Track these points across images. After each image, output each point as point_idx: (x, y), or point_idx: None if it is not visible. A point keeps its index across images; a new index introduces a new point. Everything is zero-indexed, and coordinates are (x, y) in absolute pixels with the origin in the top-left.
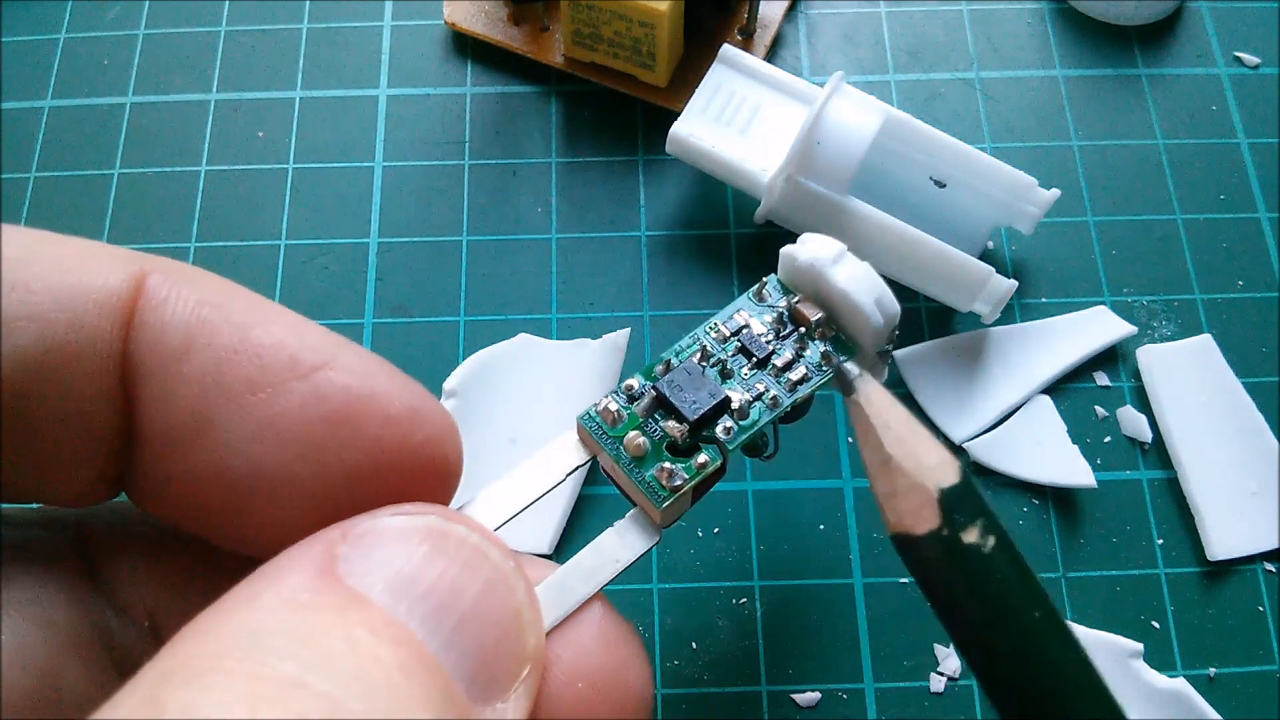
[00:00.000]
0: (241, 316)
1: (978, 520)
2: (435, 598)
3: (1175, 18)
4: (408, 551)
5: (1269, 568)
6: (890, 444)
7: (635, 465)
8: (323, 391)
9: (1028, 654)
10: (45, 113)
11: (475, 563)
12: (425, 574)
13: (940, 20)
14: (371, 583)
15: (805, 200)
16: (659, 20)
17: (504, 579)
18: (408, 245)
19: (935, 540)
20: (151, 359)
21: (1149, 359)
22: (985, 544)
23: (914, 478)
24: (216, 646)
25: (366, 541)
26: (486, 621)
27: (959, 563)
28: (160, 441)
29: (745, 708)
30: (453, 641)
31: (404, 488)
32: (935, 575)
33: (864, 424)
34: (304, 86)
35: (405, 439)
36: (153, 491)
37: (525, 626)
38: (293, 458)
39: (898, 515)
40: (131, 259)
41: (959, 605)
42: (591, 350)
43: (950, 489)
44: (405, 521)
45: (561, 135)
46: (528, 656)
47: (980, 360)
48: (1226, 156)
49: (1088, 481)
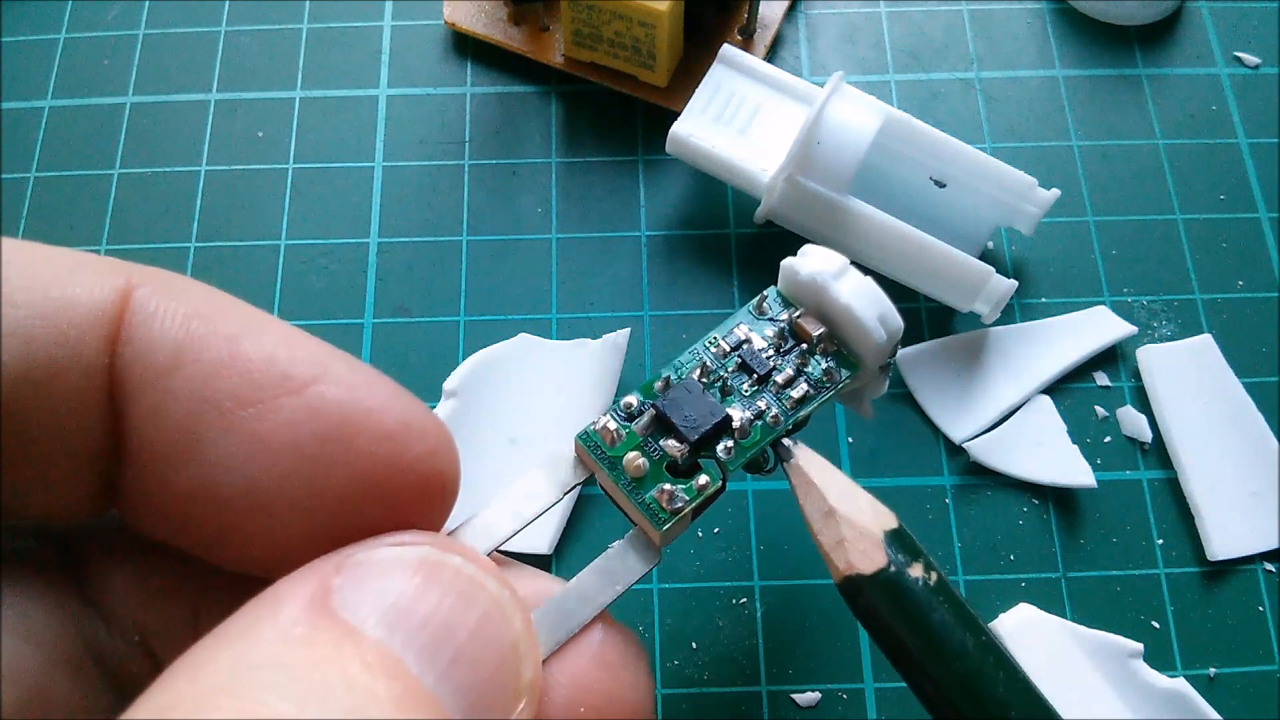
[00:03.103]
0: (230, 329)
1: (919, 558)
2: (430, 630)
3: (1175, 18)
4: (402, 583)
5: (1269, 568)
6: (834, 499)
7: (635, 486)
8: (314, 406)
9: (971, 678)
10: (45, 113)
11: (471, 594)
12: (420, 606)
13: (940, 20)
14: (366, 615)
15: (805, 200)
16: (659, 20)
17: (500, 610)
18: (408, 245)
19: (884, 578)
20: (140, 373)
21: (1149, 359)
22: (929, 578)
23: (860, 525)
24: (210, 683)
25: (360, 573)
26: (482, 654)
27: (906, 597)
28: (149, 458)
29: (745, 708)
30: (449, 675)
31: (399, 503)
32: (883, 612)
33: (805, 484)
34: (304, 86)
35: (399, 455)
36: (142, 508)
37: (522, 658)
38: (284, 474)
39: (847, 561)
40: (118, 270)
41: (905, 641)
42: (591, 350)
43: (892, 533)
44: (400, 553)
45: (561, 135)
46: (524, 689)
47: (980, 360)
48: (1226, 156)
49: (1088, 481)
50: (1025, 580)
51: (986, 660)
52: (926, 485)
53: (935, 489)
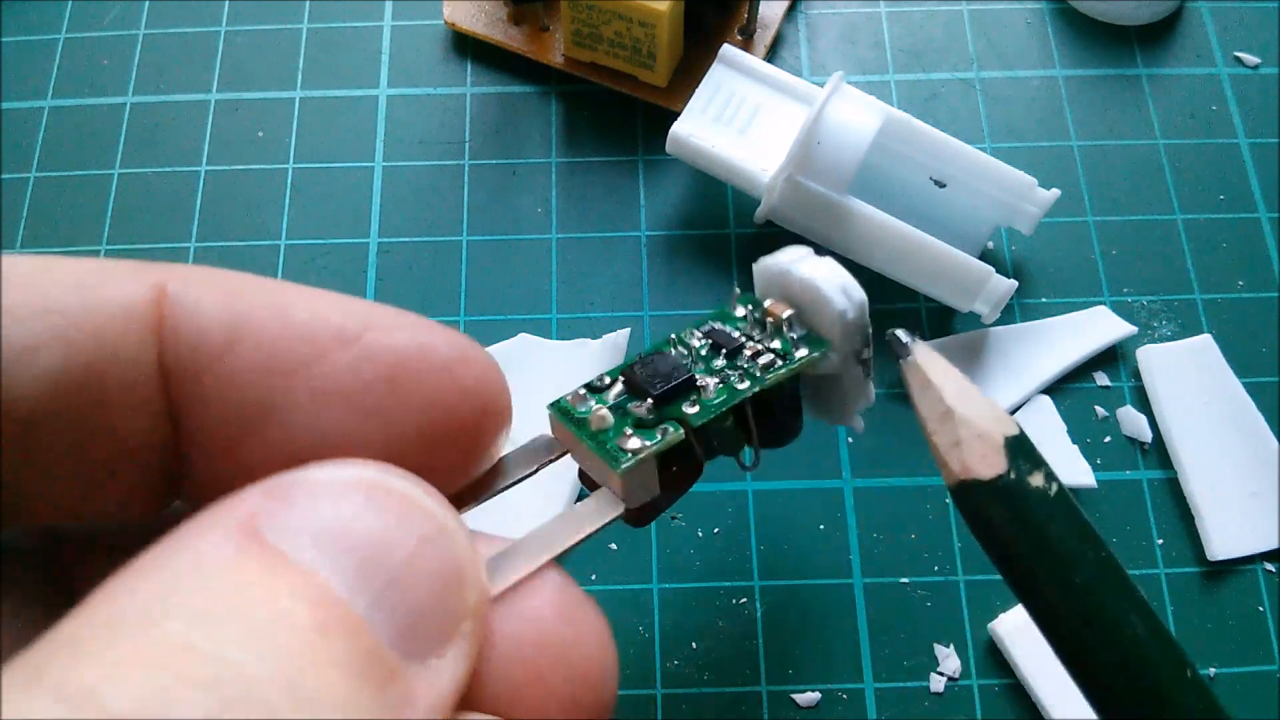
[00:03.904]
0: (274, 300)
1: (1041, 467)
2: (363, 553)
3: (1175, 18)
4: (336, 505)
5: (1269, 568)
6: (951, 398)
7: (599, 437)
8: (371, 352)
9: (1088, 592)
10: (45, 113)
11: (410, 515)
12: (354, 528)
13: (940, 20)
14: (294, 539)
15: (805, 200)
16: (659, 20)
17: (442, 531)
18: (408, 245)
19: (1003, 485)
20: (194, 362)
21: (1149, 359)
22: (1050, 489)
23: (979, 426)
24: (113, 613)
25: (291, 497)
26: (421, 575)
27: (1025, 507)
28: (215, 439)
29: (745, 708)
30: (383, 598)
31: (462, 434)
32: (1000, 522)
33: (921, 381)
34: (304, 86)
35: (456, 382)
36: (210, 490)
37: (465, 581)
38: (354, 423)
39: (962, 464)
40: (146, 270)
41: (1023, 553)
42: (591, 350)
43: (1013, 438)
44: (334, 474)
45: (561, 135)
46: (467, 611)
47: (980, 360)
48: (1226, 156)
49: (1088, 481)
50: None
51: (1106, 577)
52: (926, 485)
53: (935, 489)
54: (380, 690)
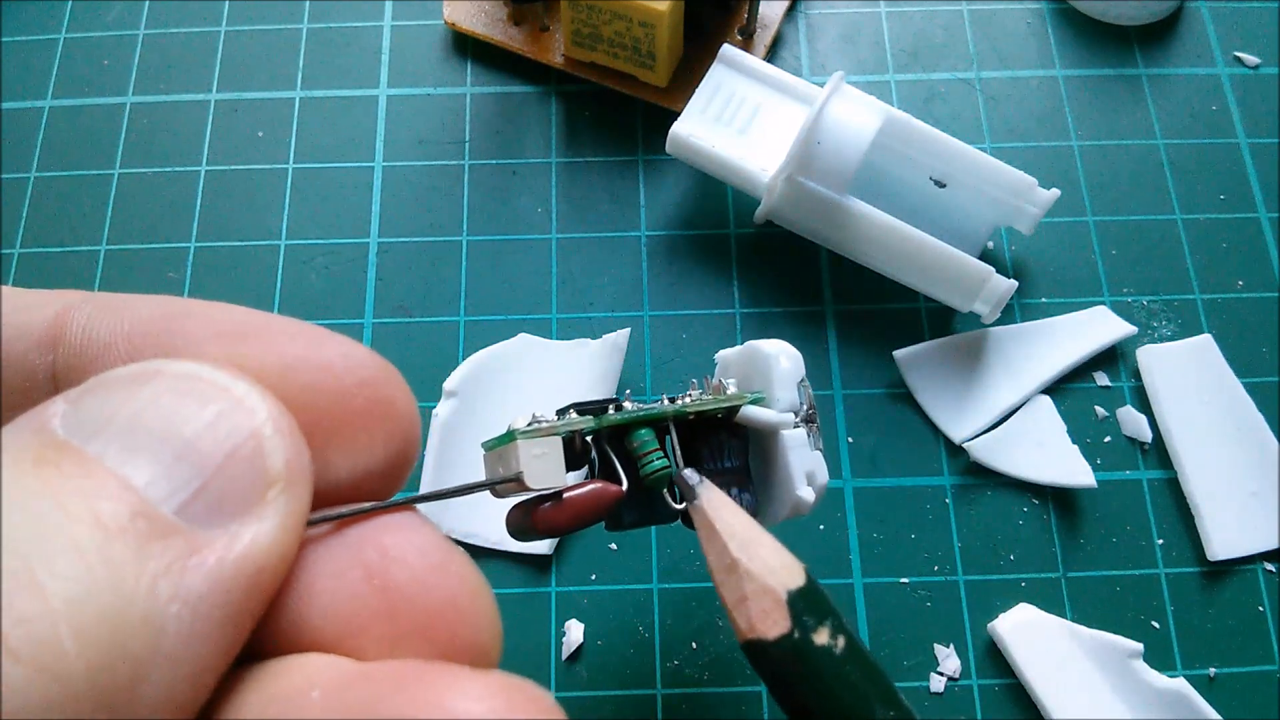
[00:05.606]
0: (164, 310)
1: (827, 620)
2: (153, 434)
3: (1175, 18)
4: (132, 397)
5: (1269, 568)
6: (736, 549)
7: (512, 431)
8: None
9: None
10: (45, 113)
11: (207, 395)
12: (147, 414)
13: (940, 20)
14: (90, 434)
15: (805, 200)
16: (659, 20)
17: (240, 404)
18: (408, 245)
19: (787, 644)
20: (81, 368)
21: (1149, 359)
22: (836, 645)
23: (761, 581)
24: None
25: (90, 395)
26: (210, 446)
27: (811, 666)
28: None
29: (745, 708)
30: (170, 472)
31: (357, 434)
32: (789, 680)
33: (708, 530)
34: (304, 86)
35: (338, 382)
36: None
37: (266, 446)
38: None
39: (748, 622)
40: (54, 296)
41: (813, 711)
42: (591, 350)
43: (798, 591)
44: (136, 369)
45: (561, 135)
46: (274, 477)
47: (980, 360)
48: (1226, 156)
49: (1088, 481)
50: (1025, 580)
51: None
52: (926, 485)
53: (935, 489)
54: (144, 543)
